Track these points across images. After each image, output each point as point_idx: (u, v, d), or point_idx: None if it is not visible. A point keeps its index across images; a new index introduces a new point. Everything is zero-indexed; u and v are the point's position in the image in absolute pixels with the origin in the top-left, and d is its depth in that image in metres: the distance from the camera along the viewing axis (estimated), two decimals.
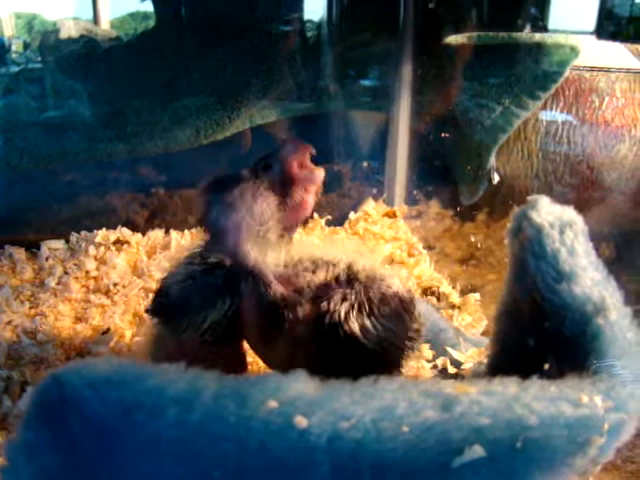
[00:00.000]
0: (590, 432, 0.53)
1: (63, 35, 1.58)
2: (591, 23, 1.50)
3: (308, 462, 0.47)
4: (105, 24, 1.65)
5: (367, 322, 0.72)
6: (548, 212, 0.70)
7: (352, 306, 0.72)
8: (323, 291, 0.74)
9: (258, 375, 0.50)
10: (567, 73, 1.23)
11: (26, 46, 1.66)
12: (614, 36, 1.51)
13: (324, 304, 0.72)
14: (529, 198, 0.73)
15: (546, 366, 0.62)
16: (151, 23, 1.65)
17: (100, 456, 0.51)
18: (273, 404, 0.48)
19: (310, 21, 1.69)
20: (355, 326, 0.71)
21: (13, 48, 1.63)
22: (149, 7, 1.64)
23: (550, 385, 0.54)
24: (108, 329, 1.10)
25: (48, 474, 0.53)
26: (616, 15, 1.53)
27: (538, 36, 1.32)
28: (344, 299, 0.72)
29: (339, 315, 0.71)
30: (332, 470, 0.47)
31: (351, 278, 0.75)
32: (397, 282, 0.78)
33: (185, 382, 0.49)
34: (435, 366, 0.97)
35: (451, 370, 0.96)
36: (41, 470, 0.53)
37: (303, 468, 0.47)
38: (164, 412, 0.48)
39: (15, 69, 1.61)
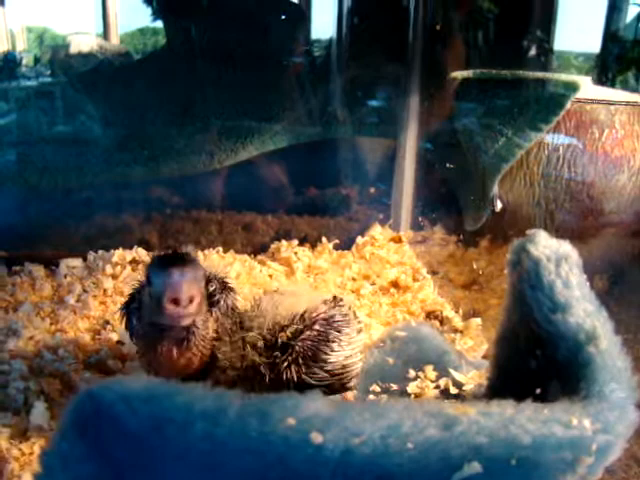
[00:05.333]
0: (579, 452, 0.57)
1: (73, 50, 1.61)
2: (596, 45, 1.54)
3: (323, 474, 0.52)
4: (114, 39, 1.68)
5: (305, 369, 0.79)
6: (545, 246, 0.74)
7: (289, 366, 0.79)
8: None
9: (278, 395, 0.55)
10: (568, 106, 1.28)
11: (37, 60, 1.68)
12: (618, 59, 1.54)
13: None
14: (528, 232, 0.77)
15: (537, 391, 0.66)
16: (160, 39, 1.69)
17: (132, 466, 0.56)
18: (292, 421, 0.52)
19: (318, 40, 1.75)
20: (299, 377, 0.79)
21: (24, 62, 1.65)
22: (159, 23, 1.67)
23: (543, 408, 0.58)
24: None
25: None
26: (621, 38, 1.55)
27: (540, 74, 1.37)
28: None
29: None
30: None
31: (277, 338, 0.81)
32: (322, 307, 0.84)
33: (211, 399, 0.54)
34: (438, 386, 1.00)
35: (453, 391, 0.99)
36: (75, 479, 0.57)
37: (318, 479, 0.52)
38: (193, 426, 0.52)
39: (26, 83, 1.64)
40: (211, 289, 0.87)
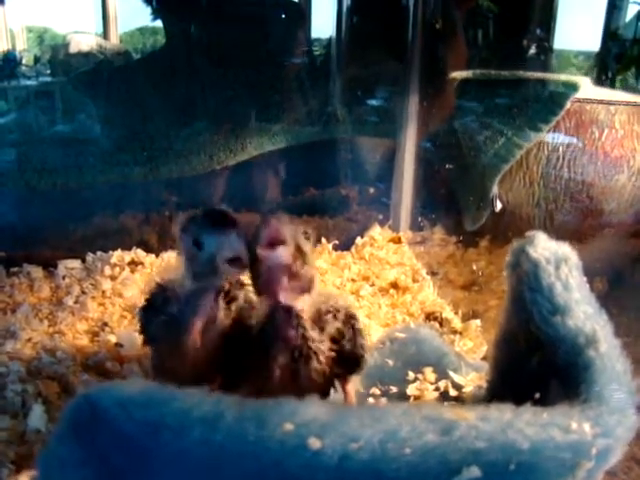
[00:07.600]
0: (579, 456, 0.56)
1: (73, 49, 1.62)
2: (596, 44, 1.54)
3: (321, 479, 0.52)
4: (114, 38, 1.69)
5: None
6: (544, 248, 0.74)
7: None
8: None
9: (276, 400, 0.55)
10: (567, 106, 1.28)
11: (37, 60, 1.69)
12: (618, 58, 1.54)
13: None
14: (527, 234, 0.77)
15: (537, 395, 0.65)
16: (160, 39, 1.70)
17: (128, 470, 0.55)
18: (289, 426, 0.52)
19: (318, 40, 1.75)
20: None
21: (24, 61, 1.66)
22: (158, 23, 1.68)
23: (542, 412, 0.58)
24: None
25: None
26: (621, 36, 1.55)
27: (539, 74, 1.37)
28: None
29: None
30: None
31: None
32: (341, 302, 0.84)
33: (209, 405, 0.54)
34: (437, 389, 1.00)
35: (452, 393, 0.99)
36: None
37: None
38: (190, 431, 0.52)
39: (26, 83, 1.64)
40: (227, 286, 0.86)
